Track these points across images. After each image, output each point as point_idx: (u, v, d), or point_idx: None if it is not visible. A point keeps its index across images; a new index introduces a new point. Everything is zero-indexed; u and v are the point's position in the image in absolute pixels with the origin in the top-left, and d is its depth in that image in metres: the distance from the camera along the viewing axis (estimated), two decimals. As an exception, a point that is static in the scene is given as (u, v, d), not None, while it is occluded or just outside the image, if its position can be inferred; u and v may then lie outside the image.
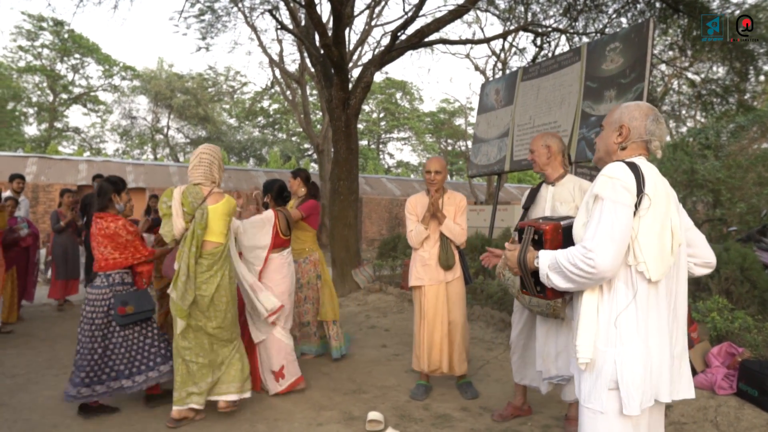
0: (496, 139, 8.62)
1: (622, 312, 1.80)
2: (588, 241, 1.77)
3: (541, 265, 1.87)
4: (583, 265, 1.74)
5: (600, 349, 1.81)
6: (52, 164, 18.31)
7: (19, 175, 7.22)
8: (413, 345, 4.25)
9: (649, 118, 1.95)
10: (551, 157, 3.48)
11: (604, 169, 1.87)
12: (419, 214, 4.18)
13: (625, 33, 6.69)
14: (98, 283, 3.66)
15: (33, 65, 30.97)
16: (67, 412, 3.76)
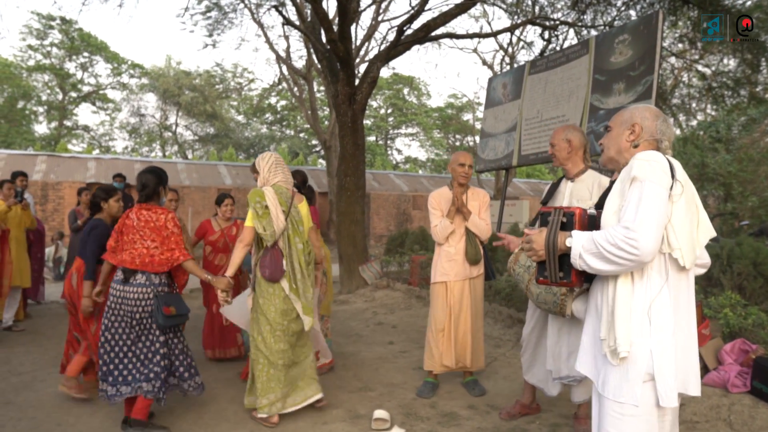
0: (504, 133, 8.54)
1: (655, 300, 1.78)
2: (629, 222, 1.71)
3: (575, 245, 1.80)
4: (626, 246, 1.69)
5: (634, 340, 1.76)
6: (61, 162, 18.40)
7: (22, 173, 7.22)
8: (428, 343, 4.17)
9: (660, 119, 1.99)
10: (572, 151, 3.36)
11: (639, 154, 1.86)
12: (444, 209, 4.13)
13: (634, 25, 6.58)
14: (140, 280, 3.40)
15: (42, 64, 31.16)
16: (71, 410, 3.75)
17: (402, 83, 37.10)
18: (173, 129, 36.14)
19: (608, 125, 2.12)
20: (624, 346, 1.75)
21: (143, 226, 3.46)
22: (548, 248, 1.88)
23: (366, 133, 36.76)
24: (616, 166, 2.06)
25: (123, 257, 3.43)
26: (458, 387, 4.27)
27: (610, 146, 2.07)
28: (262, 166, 3.73)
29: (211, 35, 15.62)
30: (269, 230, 3.53)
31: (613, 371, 1.80)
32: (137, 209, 3.51)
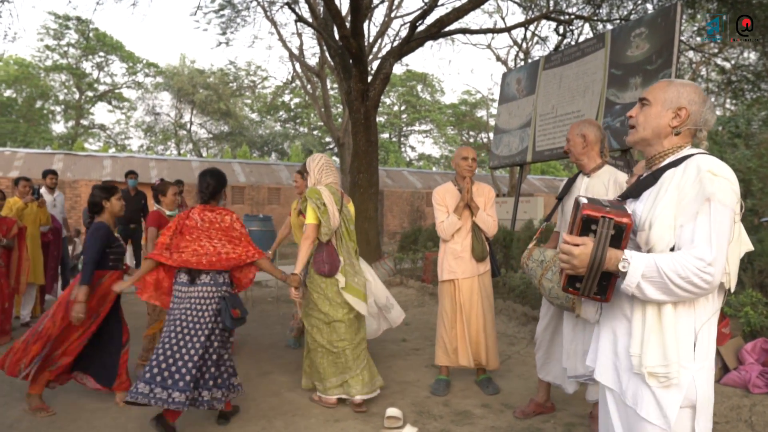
0: (518, 129, 8.46)
1: (703, 325, 1.62)
2: (705, 252, 1.50)
3: (633, 271, 1.54)
4: (698, 280, 1.50)
5: (674, 361, 1.59)
6: (78, 160, 18.60)
7: (52, 171, 7.33)
8: (439, 341, 4.14)
9: (707, 105, 1.73)
10: (587, 146, 3.30)
11: (711, 164, 1.58)
12: (449, 205, 4.08)
13: (651, 18, 6.47)
14: (204, 280, 3.35)
15: (59, 64, 31.56)
16: (86, 406, 3.77)
17: (415, 80, 37.02)
18: (188, 127, 36.40)
19: (646, 98, 1.80)
20: (676, 372, 1.58)
21: (208, 227, 3.46)
22: (593, 266, 1.59)
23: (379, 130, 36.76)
24: (646, 150, 1.81)
25: (185, 258, 3.35)
26: (472, 385, 4.23)
27: (647, 125, 1.77)
28: (312, 167, 3.93)
29: (225, 33, 15.67)
30: (326, 227, 3.73)
31: (645, 392, 1.63)
32: (200, 210, 3.49)
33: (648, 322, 1.63)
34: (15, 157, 17.98)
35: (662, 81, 1.82)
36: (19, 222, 5.67)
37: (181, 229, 3.46)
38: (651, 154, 1.80)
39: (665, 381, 1.59)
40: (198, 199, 3.58)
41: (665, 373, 1.58)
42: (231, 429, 3.44)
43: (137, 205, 7.77)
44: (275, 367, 4.71)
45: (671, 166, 1.70)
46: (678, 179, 1.63)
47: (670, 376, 1.58)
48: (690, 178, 1.60)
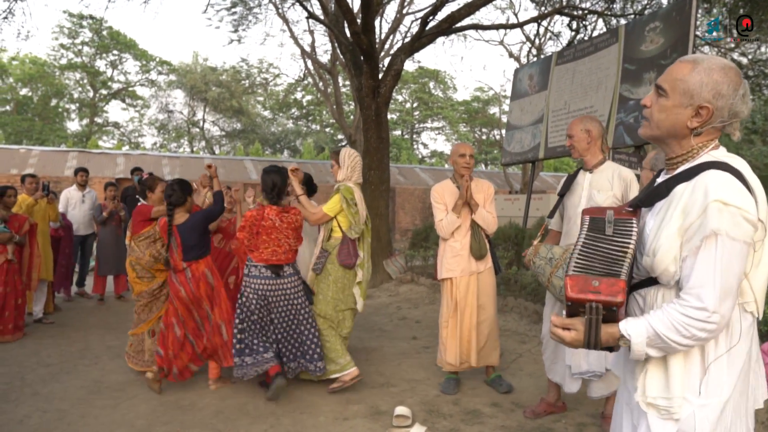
0: (530, 125, 8.38)
1: (717, 359, 1.43)
2: (708, 299, 1.33)
3: (636, 346, 1.40)
4: (703, 334, 1.35)
5: (677, 395, 1.45)
6: (91, 158, 18.75)
7: (83, 169, 7.44)
8: (440, 341, 4.11)
9: (739, 94, 1.42)
10: (591, 142, 3.28)
11: (713, 188, 1.35)
12: (448, 203, 4.02)
13: (666, 11, 6.37)
14: (288, 272, 3.79)
15: (74, 62, 31.83)
16: (95, 402, 3.78)
17: (427, 77, 36.87)
18: (200, 125, 36.59)
19: (662, 86, 1.49)
20: (678, 407, 1.44)
21: (286, 227, 3.76)
22: (588, 346, 1.44)
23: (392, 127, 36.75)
24: (664, 149, 1.57)
25: (264, 256, 3.70)
26: (482, 384, 4.18)
27: (662, 124, 1.50)
28: (347, 162, 4.14)
29: (237, 31, 15.71)
30: (356, 226, 4.03)
31: (651, 417, 1.48)
32: (277, 212, 3.75)
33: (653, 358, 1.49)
34: (30, 155, 18.17)
35: (684, 62, 1.48)
36: (30, 219, 5.71)
37: (257, 230, 3.70)
38: (668, 154, 1.56)
39: (665, 414, 1.45)
40: (266, 198, 3.82)
41: (666, 406, 1.45)
42: (239, 427, 3.43)
43: None
44: (284, 364, 4.69)
45: (684, 177, 1.46)
46: (685, 201, 1.41)
47: (671, 410, 1.44)
48: (697, 204, 1.37)
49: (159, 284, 4.38)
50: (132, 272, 4.36)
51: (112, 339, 5.47)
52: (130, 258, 4.37)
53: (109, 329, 5.87)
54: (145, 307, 4.40)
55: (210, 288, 3.96)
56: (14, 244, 5.37)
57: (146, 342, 4.33)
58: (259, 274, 3.71)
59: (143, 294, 4.37)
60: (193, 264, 3.92)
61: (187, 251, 3.90)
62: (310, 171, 21.38)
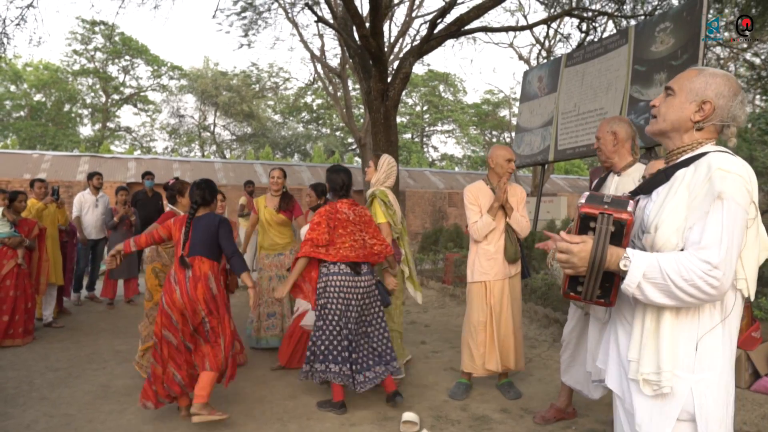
0: (540, 128, 8.32)
1: (707, 334, 1.50)
2: (712, 254, 1.39)
3: (634, 270, 1.44)
4: (703, 284, 1.39)
5: (675, 374, 1.51)
6: (103, 162, 18.89)
7: (98, 173, 7.47)
8: (466, 345, 4.01)
9: (737, 99, 1.59)
10: (618, 144, 3.18)
11: (716, 161, 1.47)
12: (483, 205, 3.95)
13: (676, 12, 6.30)
14: (365, 270, 3.80)
15: (87, 68, 32.18)
16: (102, 407, 3.78)
17: (437, 80, 36.86)
18: (211, 129, 36.81)
19: (671, 87, 1.66)
20: (668, 380, 1.50)
21: (359, 221, 3.82)
22: (593, 265, 1.50)
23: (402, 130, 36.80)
24: (666, 143, 1.68)
25: (344, 253, 3.69)
26: (491, 389, 4.13)
27: (667, 117, 1.64)
28: (384, 168, 4.34)
29: (247, 35, 15.77)
30: (395, 226, 4.27)
31: (644, 399, 1.56)
32: (349, 205, 3.82)
33: (646, 327, 1.55)
34: (42, 160, 18.34)
35: (691, 69, 1.67)
36: (39, 223, 5.74)
37: (334, 225, 3.72)
38: (670, 148, 1.68)
39: (658, 389, 1.51)
40: (333, 195, 3.91)
41: (656, 381, 1.51)
42: (244, 431, 3.41)
43: (155, 206, 7.82)
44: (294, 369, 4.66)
45: (684, 164, 1.58)
46: (689, 179, 1.52)
47: (660, 384, 1.50)
48: (700, 177, 1.49)
49: None
50: (155, 280, 4.21)
51: (120, 343, 5.47)
52: (154, 265, 4.22)
53: (119, 333, 5.88)
54: None
55: (210, 294, 3.50)
56: (24, 248, 5.40)
57: None
58: (339, 270, 3.71)
59: None
60: (197, 260, 3.52)
61: (195, 245, 3.55)
62: (320, 175, 21.40)
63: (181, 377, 3.49)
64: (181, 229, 3.66)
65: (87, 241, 7.27)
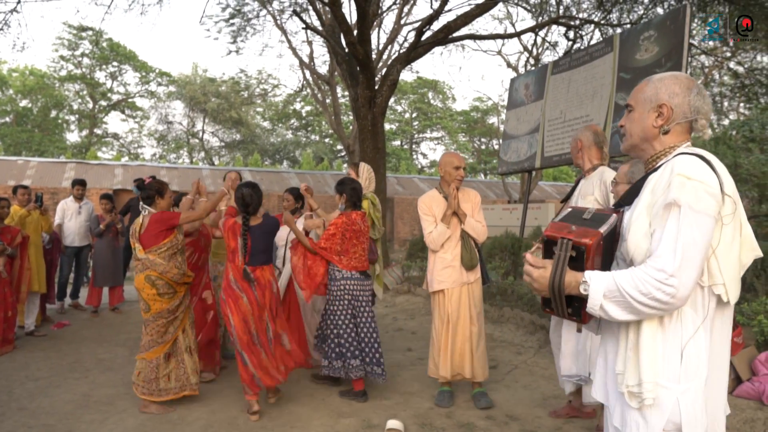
0: (527, 135, 8.36)
1: (689, 342, 1.48)
2: (667, 263, 1.40)
3: (594, 293, 1.45)
4: (661, 294, 1.39)
5: (660, 384, 1.48)
6: (89, 169, 18.75)
7: (80, 181, 7.38)
8: (431, 351, 4.06)
9: (693, 92, 1.59)
10: (582, 149, 3.43)
11: (678, 165, 1.47)
12: (436, 214, 3.96)
13: (660, 21, 6.37)
14: (368, 274, 4.21)
15: (74, 74, 31.92)
16: (83, 417, 3.72)
17: (426, 87, 36.99)
18: (200, 136, 36.63)
19: (628, 103, 1.71)
20: (650, 392, 1.48)
21: (366, 231, 4.12)
22: (553, 290, 1.51)
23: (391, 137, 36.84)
24: (642, 155, 1.70)
25: (354, 264, 4.01)
26: (476, 396, 4.12)
27: (633, 131, 1.67)
28: (365, 175, 4.60)
29: (235, 42, 15.76)
30: (380, 227, 4.54)
31: (630, 412, 1.53)
32: (361, 216, 4.08)
33: (630, 339, 1.54)
34: (27, 166, 18.17)
35: (641, 81, 1.71)
36: (22, 231, 5.67)
37: (349, 236, 3.97)
38: (644, 158, 1.69)
39: (640, 401, 1.50)
40: (349, 205, 4.11)
41: (638, 392, 1.49)
42: (228, 441, 3.38)
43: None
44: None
45: (657, 168, 1.59)
46: (654, 181, 1.53)
47: (642, 396, 1.48)
48: (663, 182, 1.50)
49: (179, 301, 3.94)
50: (151, 289, 3.82)
51: (104, 352, 5.41)
52: (147, 273, 3.83)
53: (102, 342, 5.81)
54: (162, 328, 3.87)
55: (275, 299, 3.83)
56: (5, 256, 5.32)
57: (161, 368, 3.85)
58: (351, 276, 4.02)
59: (162, 313, 3.84)
60: (258, 269, 3.74)
61: (256, 254, 3.73)
62: (309, 181, 21.37)
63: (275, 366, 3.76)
64: (236, 238, 3.71)
65: (65, 249, 7.18)
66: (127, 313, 7.23)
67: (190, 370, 3.95)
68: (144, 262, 3.84)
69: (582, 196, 3.31)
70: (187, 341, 3.99)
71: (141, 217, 3.97)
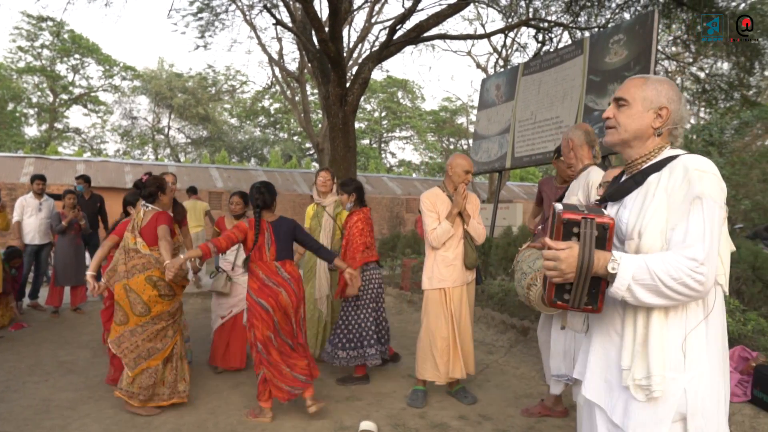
0: (497, 135, 8.42)
1: (692, 332, 1.53)
2: (698, 252, 1.43)
3: (623, 275, 1.44)
4: (692, 282, 1.41)
5: (666, 375, 1.51)
6: (49, 164, 18.17)
7: (40, 176, 7.09)
8: (426, 354, 3.94)
9: (682, 102, 1.67)
10: (573, 149, 3.34)
11: (691, 161, 1.52)
12: (440, 212, 3.95)
13: (629, 25, 6.48)
14: (374, 266, 4.42)
15: (33, 66, 30.90)
16: (43, 423, 3.57)
17: (396, 86, 37.04)
18: (165, 132, 35.93)
19: (622, 98, 1.68)
20: (659, 384, 1.50)
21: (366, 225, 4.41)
22: (581, 270, 1.46)
23: (360, 136, 36.75)
24: (626, 152, 1.70)
25: (373, 253, 4.39)
26: (449, 396, 4.11)
27: (629, 126, 1.66)
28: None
29: (203, 36, 15.46)
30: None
31: (637, 406, 1.55)
32: (368, 210, 4.48)
33: (638, 333, 1.56)
34: (-16, 161, 17.51)
35: (636, 78, 1.71)
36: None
37: (370, 228, 4.39)
38: (632, 157, 1.70)
39: (649, 394, 1.52)
40: (358, 203, 4.47)
41: (647, 385, 1.52)
42: (197, 445, 3.28)
43: (93, 208, 7.52)
44: (247, 377, 4.53)
45: (654, 169, 1.61)
46: (665, 182, 1.55)
47: (651, 388, 1.51)
48: (678, 180, 1.53)
49: (178, 303, 3.85)
50: (153, 290, 3.66)
51: (65, 354, 5.22)
52: (149, 273, 3.66)
53: (63, 344, 5.60)
54: (162, 331, 3.74)
55: (303, 293, 3.83)
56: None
57: (159, 373, 3.72)
58: (374, 266, 4.41)
59: (163, 315, 3.72)
60: (288, 264, 3.75)
61: (281, 251, 3.73)
62: (277, 180, 21.16)
63: (299, 372, 3.63)
64: (261, 234, 3.70)
65: (25, 247, 6.92)
66: (89, 314, 6.99)
67: (179, 377, 3.84)
68: (148, 260, 3.70)
69: (568, 195, 3.27)
70: (180, 346, 3.90)
71: (141, 212, 3.84)
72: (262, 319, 3.57)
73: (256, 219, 3.69)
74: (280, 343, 3.61)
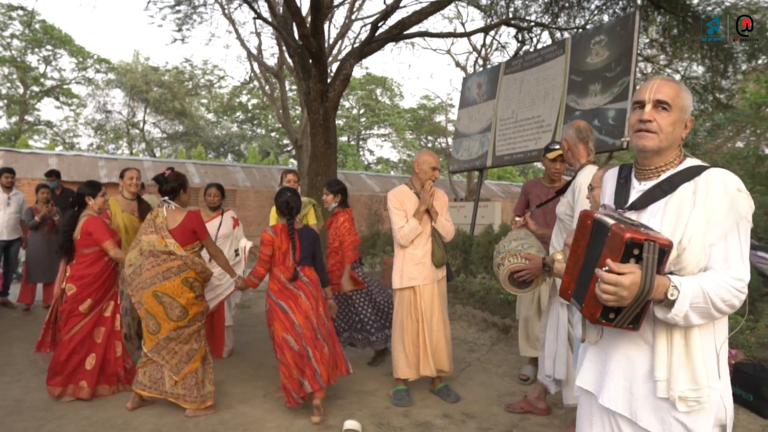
0: (478, 134, 8.44)
1: (724, 341, 1.57)
2: (741, 271, 1.47)
3: (682, 301, 1.43)
4: (737, 302, 1.46)
5: (704, 385, 1.51)
6: (20, 158, 17.73)
7: (8, 169, 6.86)
8: (399, 352, 3.95)
9: None
10: (569, 149, 3.26)
11: (736, 180, 1.53)
12: (408, 209, 3.93)
13: (611, 26, 6.54)
14: (356, 264, 4.62)
15: (2, 56, 30.04)
16: (15, 425, 3.46)
17: (375, 83, 36.97)
18: (141, 126, 35.31)
19: (666, 102, 1.59)
20: (707, 395, 1.51)
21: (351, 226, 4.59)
22: (640, 296, 1.41)
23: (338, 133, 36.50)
24: (654, 160, 1.64)
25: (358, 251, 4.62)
26: (432, 395, 4.10)
27: (671, 133, 1.60)
28: None
29: (180, 30, 15.20)
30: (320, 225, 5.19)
31: (677, 417, 1.53)
32: (350, 210, 4.67)
33: (676, 346, 1.54)
34: (-49, 154, 17.00)
35: (671, 82, 1.63)
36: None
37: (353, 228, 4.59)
38: (656, 164, 1.65)
39: (695, 405, 1.52)
40: (342, 204, 4.64)
41: (696, 397, 1.51)
42: (177, 446, 3.21)
43: (65, 204, 7.32)
44: (227, 377, 4.46)
45: (683, 178, 1.58)
46: (702, 195, 1.53)
47: (701, 400, 1.51)
48: (717, 195, 1.52)
49: (205, 303, 3.86)
50: (190, 292, 3.60)
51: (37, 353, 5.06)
52: (185, 275, 3.58)
53: (35, 342, 5.44)
54: (197, 332, 3.71)
55: (322, 296, 3.85)
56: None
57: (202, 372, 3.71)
58: (357, 264, 4.63)
59: (197, 316, 3.69)
60: (307, 268, 3.78)
61: (305, 257, 3.79)
62: (255, 176, 20.97)
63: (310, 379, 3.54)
64: (287, 240, 3.73)
65: None
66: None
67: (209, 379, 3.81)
68: (184, 261, 3.60)
69: (564, 196, 3.21)
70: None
71: (164, 210, 3.71)
72: (280, 321, 3.62)
73: (290, 226, 3.75)
74: (300, 347, 3.58)
